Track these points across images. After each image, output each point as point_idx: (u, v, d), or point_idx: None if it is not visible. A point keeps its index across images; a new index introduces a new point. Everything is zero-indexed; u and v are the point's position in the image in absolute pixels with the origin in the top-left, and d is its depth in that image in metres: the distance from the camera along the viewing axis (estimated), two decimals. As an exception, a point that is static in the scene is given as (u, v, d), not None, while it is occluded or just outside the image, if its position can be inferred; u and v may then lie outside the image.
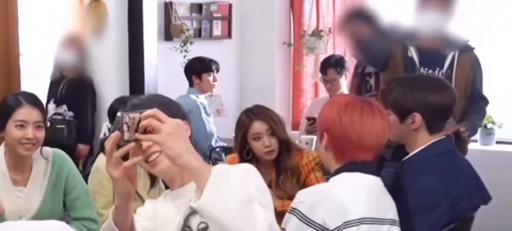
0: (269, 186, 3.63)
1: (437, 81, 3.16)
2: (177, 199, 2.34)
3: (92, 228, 3.58)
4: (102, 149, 4.04)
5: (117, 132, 1.92)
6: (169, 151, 1.87)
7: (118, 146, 1.96)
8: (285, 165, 3.82)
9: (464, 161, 3.13)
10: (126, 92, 5.81)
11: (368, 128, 2.61)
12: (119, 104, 4.10)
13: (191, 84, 5.89)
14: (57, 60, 5.81)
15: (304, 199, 2.57)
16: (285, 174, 3.79)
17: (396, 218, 2.68)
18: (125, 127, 1.89)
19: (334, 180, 2.69)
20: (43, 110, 3.40)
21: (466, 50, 4.32)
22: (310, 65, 7.21)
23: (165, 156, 1.90)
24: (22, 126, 3.26)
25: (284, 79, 7.41)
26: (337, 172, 2.69)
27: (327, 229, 2.50)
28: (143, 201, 3.98)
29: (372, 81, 4.85)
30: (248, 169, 2.16)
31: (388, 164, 3.51)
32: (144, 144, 2.13)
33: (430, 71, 4.21)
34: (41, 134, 3.32)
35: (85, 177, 4.11)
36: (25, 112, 3.27)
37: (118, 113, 1.91)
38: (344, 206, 2.55)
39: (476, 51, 4.39)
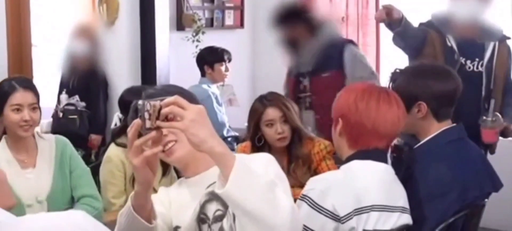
0: None
1: (439, 69, 3.16)
2: (192, 186, 2.35)
3: (96, 205, 3.65)
4: (113, 139, 4.06)
5: (138, 120, 1.91)
6: (193, 138, 1.86)
7: (139, 134, 1.96)
8: (297, 153, 3.83)
9: (475, 148, 3.12)
10: (138, 82, 5.82)
11: (383, 115, 2.61)
12: (130, 94, 4.11)
13: (203, 74, 5.86)
14: (69, 51, 5.80)
15: (314, 186, 2.57)
16: (297, 162, 3.80)
17: (407, 206, 2.67)
18: (146, 115, 1.88)
19: (345, 168, 2.69)
20: (37, 92, 3.49)
21: (503, 40, 4.29)
22: (322, 55, 7.17)
23: (190, 143, 1.89)
24: (18, 109, 3.37)
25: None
26: (348, 159, 2.69)
27: (338, 216, 2.51)
28: (154, 190, 4.00)
29: (305, 81, 4.79)
30: (268, 157, 2.21)
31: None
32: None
33: (468, 61, 4.18)
34: (37, 115, 3.45)
35: (97, 167, 4.13)
36: (20, 96, 3.39)
37: (139, 101, 1.90)
38: (354, 193, 2.55)
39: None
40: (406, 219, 2.65)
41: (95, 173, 4.14)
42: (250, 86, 7.36)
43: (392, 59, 6.99)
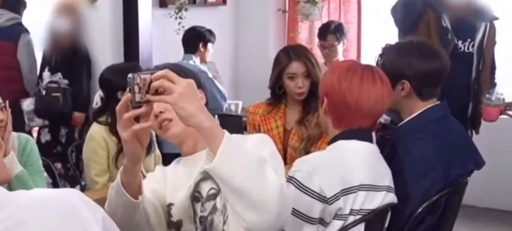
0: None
1: (425, 47, 3.10)
2: (188, 165, 2.36)
3: None
4: (95, 118, 4.05)
5: (128, 93, 1.91)
6: (181, 111, 1.87)
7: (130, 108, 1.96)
8: (316, 106, 3.82)
9: (458, 126, 3.13)
10: (120, 59, 5.80)
11: (366, 93, 2.60)
12: (110, 73, 4.09)
13: (192, 51, 5.82)
14: (51, 27, 5.76)
15: (301, 167, 2.57)
16: (313, 113, 3.79)
17: (392, 185, 2.69)
18: (136, 88, 1.88)
19: (330, 148, 2.70)
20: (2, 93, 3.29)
21: (492, 21, 4.31)
22: (305, 32, 7.21)
23: (178, 117, 1.90)
24: None
25: (279, 46, 7.35)
26: (334, 139, 2.69)
27: (325, 197, 2.50)
28: (143, 175, 4.00)
29: None
30: (263, 137, 2.23)
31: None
32: (156, 110, 2.16)
33: (460, 42, 4.19)
34: (5, 115, 3.19)
35: (81, 145, 4.12)
36: None
37: (129, 75, 1.89)
38: (341, 173, 2.55)
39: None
40: (391, 197, 2.68)
41: (79, 151, 4.13)
42: (232, 63, 7.37)
43: (373, 37, 7.03)
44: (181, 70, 2.23)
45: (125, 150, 2.05)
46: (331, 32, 5.82)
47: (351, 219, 2.56)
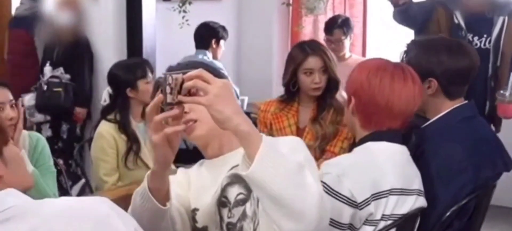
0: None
1: (454, 44, 2.98)
2: (212, 168, 2.26)
3: None
4: (103, 116, 3.93)
5: (160, 94, 1.79)
6: (217, 114, 1.74)
7: (161, 110, 1.85)
8: (331, 102, 3.76)
9: (487, 126, 3.02)
10: (123, 53, 5.66)
11: (398, 93, 2.49)
12: (119, 69, 4.00)
13: (206, 47, 5.70)
14: (52, 22, 5.63)
15: (329, 170, 2.44)
16: (328, 110, 3.72)
17: (422, 188, 2.58)
18: (167, 89, 1.76)
19: (359, 150, 2.58)
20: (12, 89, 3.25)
21: (511, 14, 4.18)
22: (309, 26, 7.11)
23: (213, 120, 1.77)
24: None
25: (282, 40, 7.30)
26: (362, 141, 2.58)
27: (355, 202, 2.39)
28: (147, 167, 3.90)
29: None
30: (297, 140, 2.11)
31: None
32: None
33: (476, 38, 4.08)
34: (15, 113, 3.17)
35: (83, 141, 4.01)
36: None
37: (161, 75, 1.79)
38: (372, 177, 2.43)
39: None
40: (421, 201, 2.56)
41: (80, 146, 4.00)
42: (235, 57, 7.26)
43: (378, 31, 6.93)
44: (214, 70, 2.11)
45: (155, 154, 1.94)
46: (338, 26, 5.75)
47: (382, 224, 2.44)
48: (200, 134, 2.15)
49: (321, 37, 6.08)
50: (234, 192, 2.13)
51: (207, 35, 5.71)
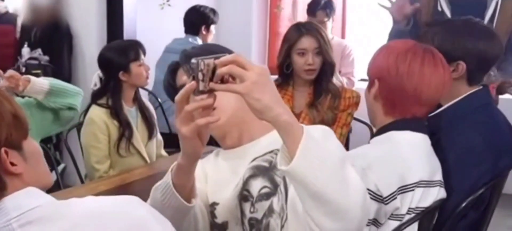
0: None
1: (484, 28, 2.88)
2: (231, 159, 2.12)
3: None
4: (94, 101, 3.78)
5: (193, 82, 1.63)
6: (256, 103, 1.58)
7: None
8: (328, 87, 3.67)
9: (501, 113, 2.92)
10: (103, 35, 5.51)
11: (427, 79, 2.36)
12: (110, 52, 3.83)
13: (196, 32, 5.54)
14: (29, 2, 5.46)
15: (354, 162, 2.32)
16: (326, 95, 3.64)
17: (442, 179, 2.48)
18: (200, 75, 1.60)
19: (383, 140, 2.45)
20: None
21: None
22: (288, 8, 7.00)
23: (251, 110, 1.61)
24: None
25: (261, 22, 7.18)
26: (384, 129, 2.46)
27: (381, 196, 2.28)
28: (140, 154, 3.76)
29: None
30: (326, 129, 1.95)
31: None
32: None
33: None
34: None
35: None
36: None
37: (193, 60, 1.60)
38: (398, 170, 2.32)
39: None
40: (443, 192, 2.47)
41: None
42: (212, 39, 7.10)
43: (358, 13, 6.87)
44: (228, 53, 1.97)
45: (183, 147, 1.77)
46: (321, 8, 5.69)
47: (407, 218, 2.34)
48: (218, 123, 1.91)
49: (300, 19, 5.98)
50: (257, 185, 2.00)
51: (197, 21, 5.53)
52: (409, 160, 2.36)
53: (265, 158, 2.04)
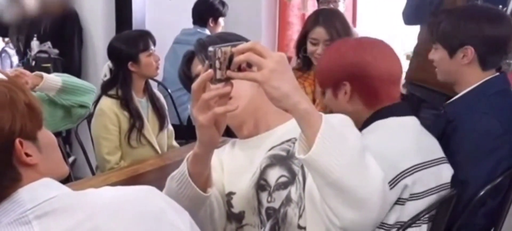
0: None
1: (492, 11, 2.84)
2: (248, 149, 2.08)
3: None
4: (104, 91, 3.76)
5: (210, 70, 1.61)
6: (274, 91, 1.57)
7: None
8: None
9: (518, 100, 2.88)
10: (112, 26, 5.48)
11: (389, 57, 2.40)
12: (119, 42, 3.81)
13: (204, 24, 5.49)
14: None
15: None
16: None
17: (443, 154, 2.44)
18: (217, 64, 1.59)
19: (369, 131, 2.37)
20: None
21: None
22: (298, -4, 6.94)
23: (269, 98, 1.60)
24: None
25: (270, 11, 7.11)
26: (368, 122, 2.40)
27: None
28: (151, 145, 3.74)
29: None
30: (346, 118, 1.95)
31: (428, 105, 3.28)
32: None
33: None
34: None
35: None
36: None
37: (210, 48, 1.59)
38: (390, 157, 2.23)
39: None
40: (449, 169, 2.44)
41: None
42: (221, 29, 7.07)
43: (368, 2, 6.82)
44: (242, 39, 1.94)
45: (200, 136, 1.75)
46: None
47: (412, 205, 2.29)
48: (235, 112, 1.87)
49: (310, 7, 5.92)
50: (274, 175, 1.97)
51: (205, 13, 5.48)
52: (398, 147, 2.31)
53: (282, 146, 2.01)
